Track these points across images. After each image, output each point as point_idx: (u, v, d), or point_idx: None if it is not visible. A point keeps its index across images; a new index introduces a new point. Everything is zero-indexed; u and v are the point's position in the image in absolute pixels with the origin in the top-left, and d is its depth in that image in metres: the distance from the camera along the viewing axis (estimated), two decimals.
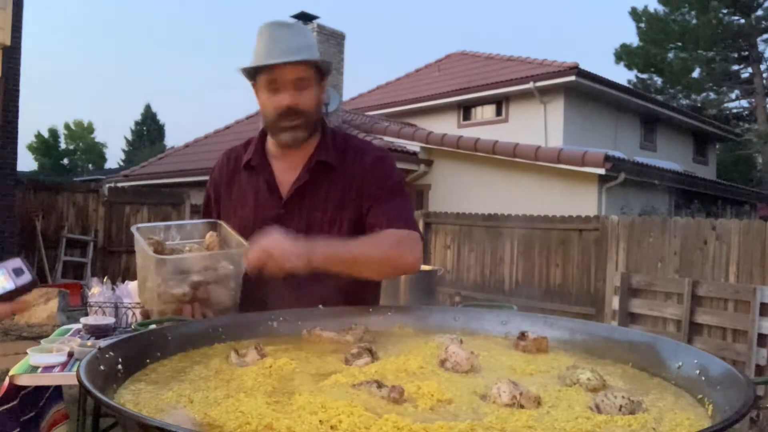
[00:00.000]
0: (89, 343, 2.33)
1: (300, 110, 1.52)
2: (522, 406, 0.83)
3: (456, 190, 10.48)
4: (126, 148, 39.85)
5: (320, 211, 1.55)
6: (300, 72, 1.50)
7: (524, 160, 9.58)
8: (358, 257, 1.39)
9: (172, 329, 1.16)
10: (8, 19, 8.13)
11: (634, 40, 25.04)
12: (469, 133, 12.24)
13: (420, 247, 1.52)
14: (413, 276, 5.47)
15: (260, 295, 1.46)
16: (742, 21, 22.68)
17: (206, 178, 1.81)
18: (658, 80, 25.01)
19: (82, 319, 2.65)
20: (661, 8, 23.64)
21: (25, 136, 40.34)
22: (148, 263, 1.39)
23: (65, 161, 41.30)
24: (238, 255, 1.42)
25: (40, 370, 2.20)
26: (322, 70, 1.57)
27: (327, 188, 1.56)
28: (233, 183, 1.67)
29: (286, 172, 1.59)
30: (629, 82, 24.75)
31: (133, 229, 1.49)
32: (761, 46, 23.13)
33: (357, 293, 1.51)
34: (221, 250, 1.48)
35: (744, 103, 24.52)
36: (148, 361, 1.03)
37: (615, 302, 6.20)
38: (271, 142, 1.63)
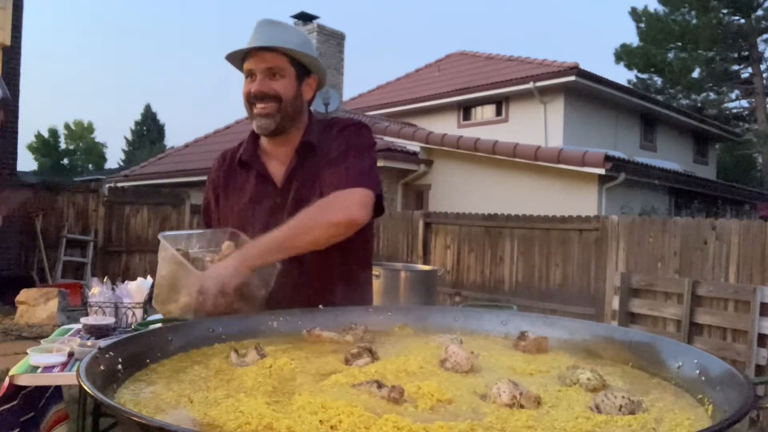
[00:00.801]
0: (89, 343, 2.33)
1: (272, 96, 1.53)
2: (522, 406, 0.83)
3: (456, 190, 10.48)
4: (126, 148, 39.86)
5: (308, 190, 1.57)
6: (272, 60, 1.53)
7: (524, 160, 9.58)
8: (283, 239, 1.41)
9: (172, 329, 1.16)
10: (8, 19, 8.14)
11: (634, 40, 25.07)
12: (469, 133, 12.23)
13: (359, 200, 1.48)
14: (413, 276, 5.45)
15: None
16: (742, 21, 22.68)
17: (206, 178, 1.83)
18: (658, 80, 25.01)
19: (82, 319, 2.64)
20: (661, 8, 23.64)
21: (25, 136, 40.39)
22: (187, 278, 1.39)
23: (65, 161, 41.30)
24: (268, 274, 1.46)
25: (40, 370, 2.20)
26: (305, 66, 1.58)
27: (312, 168, 1.58)
28: (229, 181, 1.69)
29: (278, 165, 1.63)
30: (629, 82, 24.76)
31: (160, 236, 1.49)
32: (761, 46, 23.14)
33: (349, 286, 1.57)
34: None
35: (744, 103, 24.53)
36: (148, 361, 1.03)
37: (615, 302, 6.20)
38: (262, 139, 1.66)
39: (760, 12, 22.57)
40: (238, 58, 1.57)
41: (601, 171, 8.74)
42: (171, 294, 1.44)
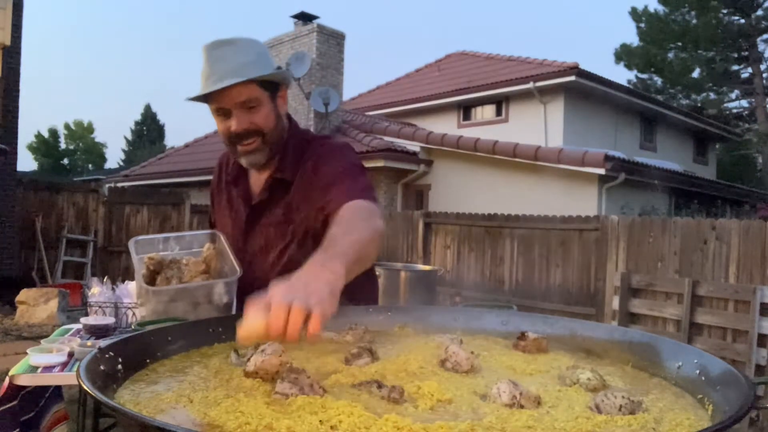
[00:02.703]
0: (89, 343, 2.33)
1: (254, 131, 1.45)
2: (522, 406, 0.83)
3: (456, 190, 10.48)
4: (126, 148, 39.86)
5: (274, 226, 1.53)
6: (246, 93, 1.41)
7: (524, 160, 9.58)
8: (360, 250, 1.11)
9: (172, 329, 1.16)
10: (8, 19, 8.13)
11: (634, 40, 25.07)
12: (469, 133, 12.23)
13: (376, 210, 1.34)
14: (413, 276, 5.46)
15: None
16: (742, 21, 22.68)
17: (206, 178, 1.86)
18: (658, 80, 24.99)
19: (82, 319, 2.64)
20: (661, 8, 23.63)
21: (25, 136, 40.42)
22: (139, 291, 1.44)
23: (65, 161, 41.31)
24: (231, 282, 1.46)
25: (40, 370, 2.19)
26: (276, 83, 1.49)
27: (282, 203, 1.53)
28: (221, 192, 1.70)
29: (259, 185, 1.59)
30: (629, 82, 24.75)
31: (131, 242, 1.50)
32: (761, 46, 23.13)
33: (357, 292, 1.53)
34: (218, 265, 1.53)
35: (744, 103, 24.51)
36: (148, 361, 1.03)
37: (615, 302, 6.20)
38: None
39: (760, 12, 22.56)
40: (198, 97, 1.45)
41: (601, 171, 8.73)
42: (142, 299, 1.47)
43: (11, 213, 8.79)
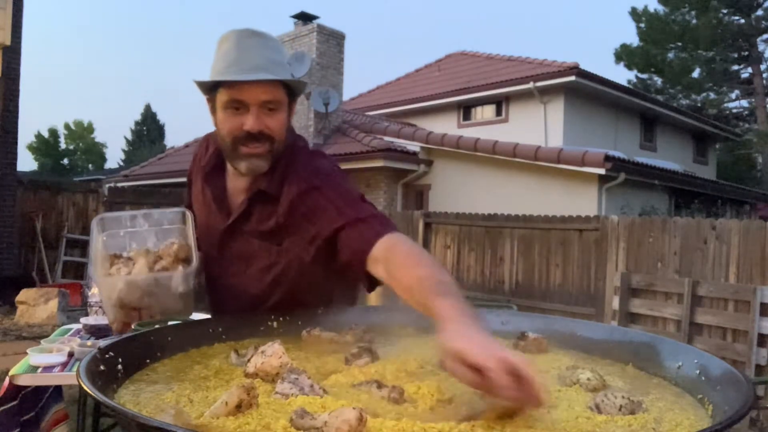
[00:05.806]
0: (89, 343, 2.33)
1: (267, 135, 1.32)
2: None
3: (456, 190, 10.48)
4: (126, 148, 39.85)
5: (257, 238, 1.41)
6: (272, 93, 1.30)
7: (524, 160, 9.58)
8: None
9: (172, 329, 1.17)
10: (8, 19, 8.13)
11: (634, 40, 25.08)
12: (469, 133, 12.24)
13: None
14: None
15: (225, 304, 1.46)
16: (742, 21, 22.70)
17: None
18: (658, 80, 25.01)
19: (82, 319, 2.65)
20: (661, 8, 23.65)
21: (25, 136, 40.44)
22: (99, 278, 1.38)
23: (65, 161, 41.31)
24: (189, 274, 1.38)
25: (40, 370, 2.20)
26: (295, 93, 1.38)
27: (264, 217, 1.39)
28: (197, 180, 1.56)
29: (238, 188, 1.44)
30: (629, 82, 24.76)
31: (93, 222, 1.44)
32: (761, 46, 23.16)
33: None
34: (175, 260, 1.42)
35: (744, 103, 24.54)
36: (148, 361, 1.03)
37: (615, 302, 6.20)
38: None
39: (760, 12, 22.58)
40: (212, 82, 1.31)
41: (601, 171, 8.74)
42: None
43: (11, 213, 8.79)
